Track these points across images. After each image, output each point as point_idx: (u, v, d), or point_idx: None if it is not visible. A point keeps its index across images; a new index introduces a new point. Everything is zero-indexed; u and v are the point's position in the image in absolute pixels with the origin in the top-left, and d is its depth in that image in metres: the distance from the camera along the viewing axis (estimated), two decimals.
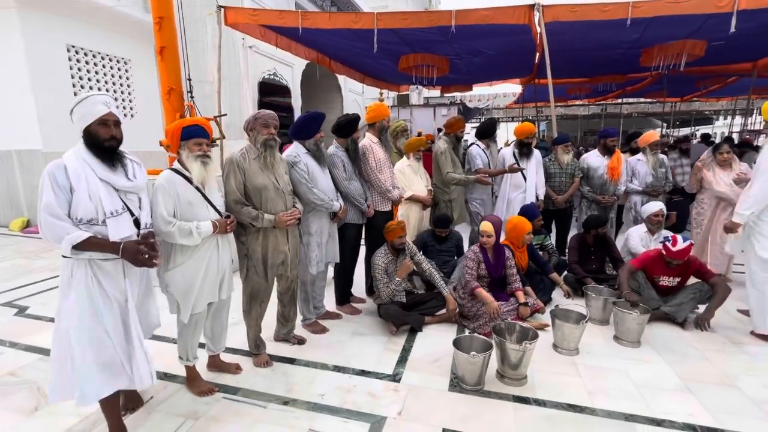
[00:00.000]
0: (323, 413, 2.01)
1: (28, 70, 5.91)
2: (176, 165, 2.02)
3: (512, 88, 15.96)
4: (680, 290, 3.02)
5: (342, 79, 11.26)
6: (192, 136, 1.99)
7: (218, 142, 4.45)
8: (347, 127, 2.87)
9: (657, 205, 3.49)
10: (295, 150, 2.63)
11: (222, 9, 5.19)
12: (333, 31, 5.66)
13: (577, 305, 2.78)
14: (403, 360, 2.52)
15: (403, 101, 13.78)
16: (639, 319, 2.67)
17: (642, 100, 17.68)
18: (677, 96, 15.19)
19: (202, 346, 2.29)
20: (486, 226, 2.98)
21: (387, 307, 2.86)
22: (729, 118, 19.46)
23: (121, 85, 7.43)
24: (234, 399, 2.13)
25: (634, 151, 4.76)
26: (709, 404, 2.08)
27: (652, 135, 4.41)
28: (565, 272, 3.66)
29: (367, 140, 3.18)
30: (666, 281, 3.02)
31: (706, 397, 2.14)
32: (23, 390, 2.19)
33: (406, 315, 2.87)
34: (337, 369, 2.42)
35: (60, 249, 1.52)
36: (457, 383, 2.25)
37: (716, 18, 4.78)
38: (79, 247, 1.53)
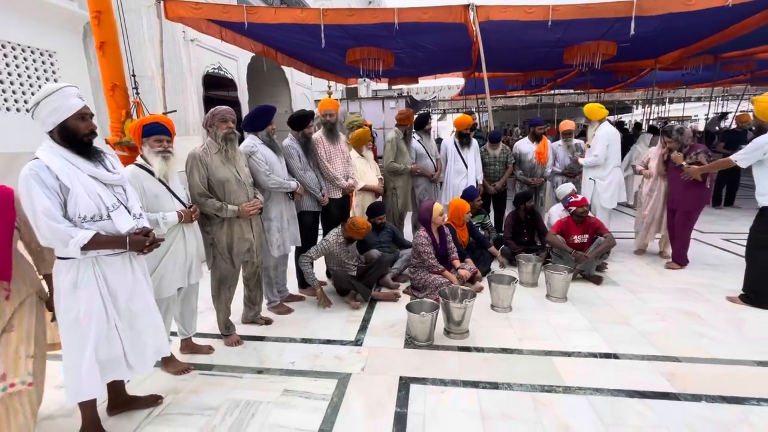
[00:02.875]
0: (295, 376, 2.27)
1: None
2: (140, 160, 2.14)
3: (456, 81, 16.69)
4: (588, 249, 3.63)
5: (289, 73, 11.17)
6: (152, 133, 2.12)
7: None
8: (299, 122, 3.09)
9: (569, 187, 4.09)
10: (251, 141, 2.81)
11: (162, 2, 5.06)
12: (280, 26, 5.73)
13: (512, 272, 3.27)
14: (363, 328, 2.83)
15: (351, 94, 13.95)
16: (566, 278, 3.20)
17: (572, 91, 19.37)
18: (601, 87, 16.91)
19: (174, 334, 2.44)
20: (439, 213, 3.33)
21: (338, 272, 3.15)
22: (645, 107, 21.88)
23: (47, 79, 6.88)
24: (210, 374, 2.31)
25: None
26: (607, 338, 2.61)
27: (567, 124, 5.08)
28: (502, 246, 4.17)
29: (318, 133, 3.43)
30: (578, 239, 3.64)
31: (605, 332, 2.68)
32: None
33: (356, 283, 3.15)
34: (305, 341, 2.67)
35: (65, 251, 1.54)
36: (411, 342, 2.61)
37: (621, 22, 5.55)
38: (87, 246, 1.55)
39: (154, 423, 1.92)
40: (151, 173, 2.12)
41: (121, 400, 1.99)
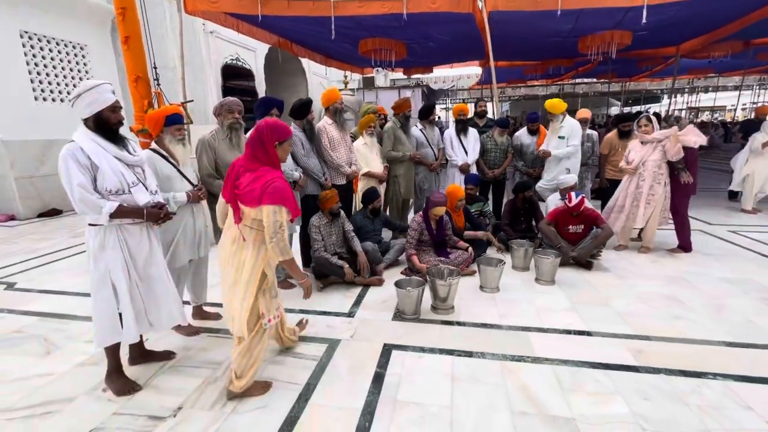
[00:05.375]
0: None
1: None
2: (154, 145, 2.41)
3: (474, 70, 16.51)
4: (582, 240, 3.72)
5: (306, 63, 11.41)
6: (174, 122, 2.40)
7: (186, 126, 4.72)
8: (300, 110, 3.31)
9: (572, 178, 4.16)
10: None
11: None
12: (292, 18, 5.94)
13: (506, 257, 3.43)
14: (357, 303, 3.07)
15: (368, 84, 14.06)
16: (554, 262, 3.34)
17: (594, 80, 18.82)
18: (625, 76, 16.36)
19: (187, 303, 2.74)
20: (439, 210, 3.47)
21: (318, 257, 3.24)
22: (671, 96, 21.05)
23: (79, 71, 7.37)
24: (217, 336, 2.61)
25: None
26: (585, 317, 2.75)
27: (584, 112, 5.10)
28: (500, 232, 4.31)
29: (323, 122, 3.65)
30: (573, 229, 3.73)
31: (584, 312, 2.82)
32: (32, 341, 2.58)
33: (333, 265, 3.23)
34: (303, 311, 2.93)
35: (96, 219, 1.84)
36: (398, 315, 2.83)
37: (634, 11, 5.47)
38: (114, 214, 1.85)
39: (168, 373, 2.22)
40: (164, 157, 2.39)
41: (139, 353, 2.30)
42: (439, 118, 17.94)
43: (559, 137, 4.35)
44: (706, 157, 12.19)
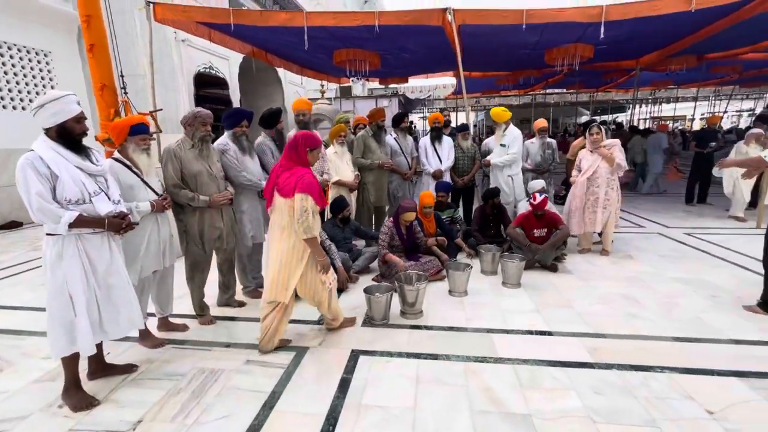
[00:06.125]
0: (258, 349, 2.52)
1: None
2: (117, 154, 2.39)
3: (450, 80, 16.91)
4: (546, 241, 3.87)
5: (282, 72, 11.40)
6: (139, 132, 2.39)
7: (155, 135, 4.65)
8: (269, 119, 3.34)
9: (540, 183, 4.34)
10: (225, 139, 3.06)
11: (151, 5, 5.29)
12: (266, 28, 5.96)
13: (475, 262, 3.53)
14: None
15: (345, 93, 14.17)
16: (519, 266, 3.45)
17: (564, 90, 19.61)
18: (592, 87, 17.15)
19: (152, 314, 2.69)
20: (409, 216, 3.56)
21: None
22: (633, 107, 22.15)
23: (42, 78, 7.14)
24: (182, 347, 2.57)
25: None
26: (547, 318, 2.87)
27: (542, 122, 5.32)
28: (470, 238, 4.42)
29: (294, 131, 3.67)
30: (537, 233, 3.88)
31: (547, 314, 2.94)
32: None
33: None
34: None
35: (54, 228, 1.81)
36: (368, 321, 2.86)
37: (593, 26, 5.78)
38: (72, 224, 1.83)
39: (128, 386, 2.17)
40: (128, 167, 2.37)
41: (99, 367, 2.24)
42: (415, 127, 18.24)
43: (501, 145, 4.53)
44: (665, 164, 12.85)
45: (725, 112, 20.56)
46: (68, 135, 1.91)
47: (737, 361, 2.28)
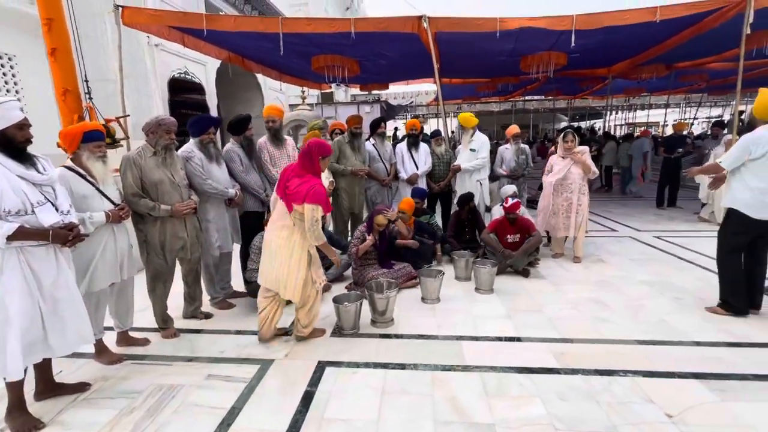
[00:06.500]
0: (221, 363, 2.44)
1: None
2: (68, 163, 2.29)
3: (432, 86, 17.08)
4: (520, 246, 3.91)
5: (262, 77, 11.28)
6: (93, 139, 2.30)
7: (123, 142, 4.51)
8: (237, 126, 3.27)
9: (511, 188, 4.40)
10: (190, 147, 2.98)
11: (120, 8, 5.17)
12: (241, 33, 5.89)
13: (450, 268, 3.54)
14: None
15: (327, 99, 14.14)
16: (491, 271, 3.46)
17: (542, 97, 20.08)
18: (569, 94, 17.62)
19: (110, 328, 2.58)
20: (381, 220, 3.55)
21: (251, 283, 3.12)
22: (615, 113, 22.77)
23: (6, 83, 6.86)
24: (141, 363, 2.46)
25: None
26: (517, 324, 2.87)
27: (514, 128, 5.40)
28: (446, 244, 4.42)
29: (263, 138, 3.62)
30: (511, 238, 3.91)
31: (518, 319, 2.94)
32: None
33: None
34: (239, 332, 2.85)
35: None
36: (337, 330, 2.81)
37: (565, 35, 5.92)
38: (12, 237, 1.72)
39: (78, 406, 2.06)
40: (81, 175, 2.27)
41: (48, 386, 2.13)
42: (396, 130, 18.34)
43: (471, 150, 4.58)
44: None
45: (695, 118, 21.37)
46: (9, 143, 1.82)
47: (698, 363, 2.32)
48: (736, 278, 2.88)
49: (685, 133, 8.02)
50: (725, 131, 7.03)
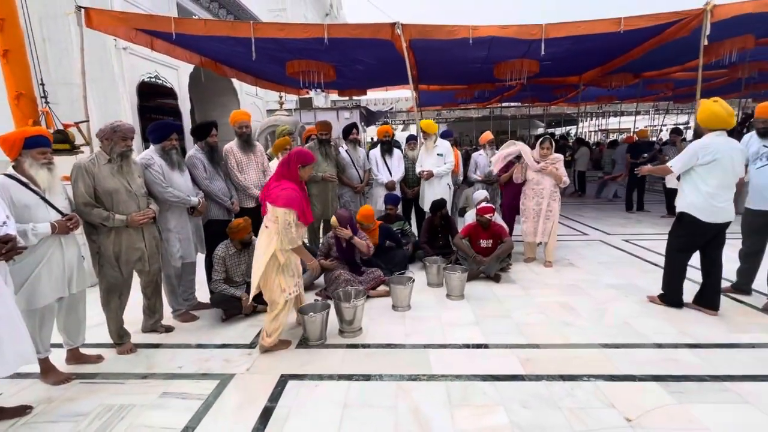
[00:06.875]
0: (178, 379, 2.33)
1: None
2: (10, 170, 2.16)
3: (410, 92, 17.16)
4: (493, 251, 3.92)
5: (237, 82, 11.10)
6: (37, 145, 2.17)
7: (84, 148, 4.32)
8: (200, 131, 3.18)
9: (482, 194, 4.43)
10: (149, 153, 2.87)
11: (82, 10, 4.97)
12: (213, 38, 5.78)
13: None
14: None
15: (306, 104, 14.06)
16: (461, 278, 3.46)
17: (519, 104, 20.54)
18: (544, 101, 18.10)
19: (59, 345, 2.43)
20: (333, 221, 3.51)
21: (214, 294, 3.08)
22: (589, 119, 23.47)
23: None
24: (91, 382, 2.33)
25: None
26: (486, 330, 2.86)
27: (488, 135, 5.47)
28: (419, 250, 4.41)
29: (230, 144, 3.53)
30: (484, 243, 3.93)
31: (487, 325, 2.94)
32: None
33: (232, 303, 3.06)
34: (200, 346, 2.73)
35: None
36: (303, 342, 2.73)
37: (536, 43, 6.06)
38: None
39: None
40: (24, 184, 2.14)
41: None
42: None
43: (438, 154, 4.60)
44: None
45: (664, 125, 22.26)
46: None
47: (658, 365, 2.36)
48: (677, 276, 3.09)
49: (654, 139, 8.37)
50: (682, 137, 7.36)
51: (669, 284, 3.15)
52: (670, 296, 3.14)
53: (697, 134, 3.14)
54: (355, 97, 14.33)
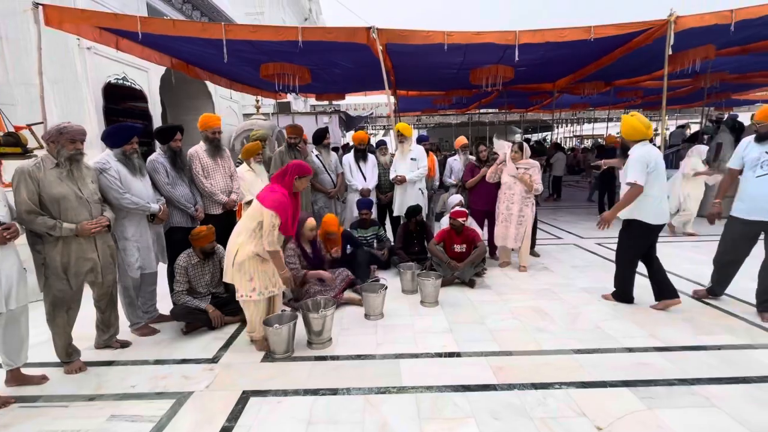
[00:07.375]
0: (130, 400, 2.16)
1: None
2: None
3: (392, 98, 17.21)
4: (467, 256, 3.89)
5: (212, 85, 10.83)
6: None
7: (37, 152, 4.07)
8: (163, 135, 3.04)
9: (456, 198, 4.41)
10: (105, 158, 2.70)
11: (40, 6, 4.72)
12: (181, 38, 5.59)
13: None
14: (227, 345, 2.78)
15: (284, 108, 13.88)
16: (435, 284, 3.40)
17: (497, 110, 20.93)
18: (521, 108, 18.50)
19: None
20: (311, 224, 3.42)
21: (176, 307, 2.94)
22: (564, 126, 24.13)
23: None
24: (32, 405, 2.14)
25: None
26: (459, 337, 2.81)
27: (462, 140, 5.48)
28: (393, 256, 4.34)
29: (196, 147, 3.38)
30: (458, 248, 3.89)
31: (460, 333, 2.88)
32: None
33: (195, 316, 2.95)
34: (158, 362, 2.57)
35: None
36: (269, 355, 2.61)
37: (510, 49, 6.13)
38: None
39: None
40: None
41: None
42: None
43: (411, 159, 4.57)
44: (582, 179, 14.11)
45: None
46: None
47: (628, 370, 2.35)
48: (627, 276, 3.34)
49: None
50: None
51: (623, 286, 3.38)
52: (624, 296, 3.38)
53: (623, 146, 3.25)
54: (334, 102, 14.24)
